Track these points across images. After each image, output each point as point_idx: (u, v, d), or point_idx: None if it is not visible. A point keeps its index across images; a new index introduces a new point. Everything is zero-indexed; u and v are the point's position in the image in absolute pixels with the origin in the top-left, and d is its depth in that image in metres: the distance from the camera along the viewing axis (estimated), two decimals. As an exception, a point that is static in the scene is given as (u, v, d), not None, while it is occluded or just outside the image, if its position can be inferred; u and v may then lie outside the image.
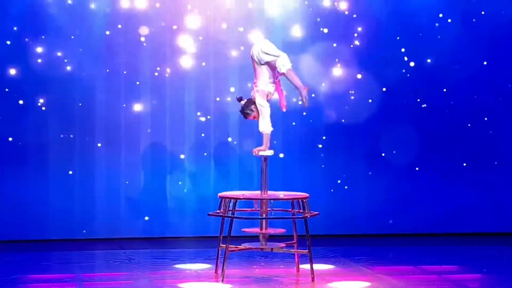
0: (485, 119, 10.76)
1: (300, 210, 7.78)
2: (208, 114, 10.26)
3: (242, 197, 7.70)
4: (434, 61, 10.65)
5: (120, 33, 10.02)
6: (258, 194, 7.82)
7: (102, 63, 10.00)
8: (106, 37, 9.99)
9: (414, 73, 10.62)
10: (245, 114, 7.93)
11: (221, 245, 7.85)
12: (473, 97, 10.74)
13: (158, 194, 10.19)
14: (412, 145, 10.63)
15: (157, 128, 10.16)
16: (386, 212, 10.60)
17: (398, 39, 10.57)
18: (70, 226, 9.97)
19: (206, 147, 10.28)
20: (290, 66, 7.76)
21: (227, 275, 7.65)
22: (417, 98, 10.66)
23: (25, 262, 8.57)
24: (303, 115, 10.39)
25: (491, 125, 10.78)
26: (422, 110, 10.67)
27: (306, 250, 7.68)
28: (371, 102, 10.53)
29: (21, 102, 9.83)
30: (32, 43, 9.83)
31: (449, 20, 10.62)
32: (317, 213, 7.82)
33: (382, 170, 10.59)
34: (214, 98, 10.26)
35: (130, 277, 7.92)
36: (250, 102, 7.85)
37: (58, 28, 9.88)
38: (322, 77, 10.42)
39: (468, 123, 10.74)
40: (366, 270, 8.23)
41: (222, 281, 7.54)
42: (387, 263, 8.68)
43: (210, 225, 9.80)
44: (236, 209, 7.70)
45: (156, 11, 10.11)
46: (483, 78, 10.73)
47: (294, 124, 10.38)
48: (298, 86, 7.78)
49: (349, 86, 10.50)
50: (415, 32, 10.60)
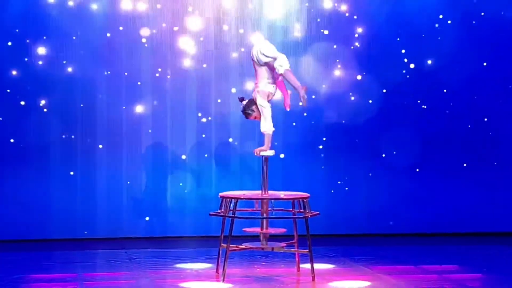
0: (485, 120, 10.77)
1: (300, 210, 7.78)
2: (209, 115, 10.27)
3: (243, 197, 7.70)
4: (434, 62, 10.65)
5: (121, 34, 10.04)
6: (259, 194, 7.82)
7: (103, 64, 10.01)
8: (107, 38, 10.00)
9: (414, 74, 10.63)
10: (246, 115, 7.94)
11: (222, 244, 7.84)
12: (473, 98, 10.75)
13: (159, 194, 10.20)
14: (412, 145, 10.63)
15: (158, 128, 10.17)
16: (386, 212, 10.60)
17: (398, 41, 10.58)
18: (72, 226, 9.99)
19: (207, 148, 10.29)
20: (288, 67, 7.76)
21: (228, 275, 7.67)
22: (417, 99, 10.67)
23: (27, 262, 8.58)
24: (304, 116, 10.40)
25: (491, 126, 10.79)
26: (422, 111, 10.68)
27: (307, 250, 7.69)
28: (372, 103, 10.54)
29: (22, 103, 9.84)
30: (33, 45, 9.84)
31: (449, 21, 10.63)
32: (317, 213, 7.82)
33: (383, 170, 10.59)
34: (215, 99, 10.28)
35: (131, 276, 7.92)
36: (252, 103, 7.87)
37: (59, 29, 9.89)
38: (323, 78, 10.43)
39: (468, 124, 10.75)
40: (366, 270, 8.23)
41: (223, 280, 7.55)
42: (387, 263, 8.68)
43: (211, 225, 9.80)
44: (237, 209, 7.69)
45: (157, 13, 10.12)
46: (483, 79, 10.74)
47: (294, 124, 10.39)
48: (296, 86, 7.79)
49: (349, 87, 10.51)
50: (415, 33, 10.60)
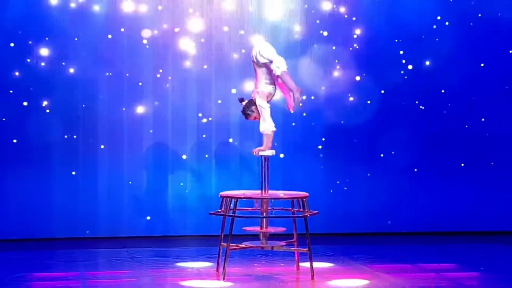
0: (482, 120, 10.80)
1: (300, 209, 7.79)
2: (209, 115, 10.31)
3: (243, 196, 7.70)
4: (432, 63, 10.68)
5: (122, 35, 10.06)
6: (258, 193, 7.83)
7: (104, 65, 10.04)
8: (109, 39, 10.03)
9: (413, 75, 10.65)
10: (246, 115, 7.98)
11: (222, 243, 7.85)
12: (470, 98, 10.78)
13: (160, 194, 10.22)
14: (410, 146, 10.67)
15: (159, 129, 10.19)
16: (385, 211, 10.62)
17: (396, 42, 10.61)
18: (74, 225, 10.00)
19: (207, 148, 10.32)
20: (285, 68, 7.78)
21: (228, 273, 7.69)
22: (415, 100, 10.70)
23: (30, 261, 8.58)
24: (303, 116, 10.43)
25: (488, 126, 10.81)
26: (420, 111, 10.71)
27: (306, 249, 7.70)
28: (370, 104, 10.58)
29: (25, 103, 9.87)
30: (35, 46, 9.87)
31: (446, 23, 10.66)
32: (316, 212, 7.84)
33: (381, 170, 10.62)
34: (215, 99, 10.32)
35: (132, 275, 7.94)
36: (251, 103, 7.90)
37: (61, 31, 9.92)
38: (322, 79, 10.46)
39: (465, 124, 10.77)
40: (365, 268, 8.25)
41: (223, 279, 7.57)
42: (386, 261, 8.69)
43: (211, 224, 9.77)
44: (237, 208, 7.70)
45: (158, 14, 10.16)
46: (481, 80, 10.77)
47: (294, 125, 10.43)
48: (292, 88, 7.79)
49: (348, 88, 10.54)
50: (414, 35, 10.62)
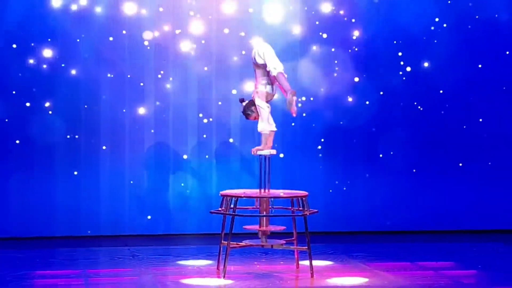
0: (480, 121, 10.82)
1: (299, 208, 7.83)
2: (210, 116, 10.34)
3: (243, 195, 7.74)
4: (430, 64, 10.70)
5: (124, 37, 10.10)
6: (258, 192, 7.88)
7: (106, 67, 10.07)
8: (110, 41, 10.07)
9: (411, 76, 10.67)
10: (246, 115, 8.05)
11: (222, 242, 7.87)
12: (468, 99, 10.78)
13: (161, 193, 10.24)
14: (409, 146, 10.68)
15: (160, 129, 10.22)
16: (384, 210, 10.64)
17: (395, 44, 10.64)
18: (76, 224, 10.03)
19: (208, 148, 10.35)
20: (282, 69, 7.83)
21: (229, 271, 7.75)
22: (413, 101, 10.71)
23: (32, 259, 8.61)
24: (303, 117, 10.44)
25: (486, 126, 10.82)
26: (419, 112, 10.72)
27: (306, 247, 7.72)
28: (369, 105, 10.60)
29: (28, 104, 9.92)
30: (38, 47, 9.92)
31: (444, 24, 10.68)
32: (316, 210, 7.88)
33: (380, 171, 10.63)
34: (215, 100, 10.35)
35: (134, 273, 7.98)
36: (251, 104, 7.97)
37: (63, 32, 9.95)
38: (321, 80, 10.50)
39: (463, 125, 10.78)
40: (364, 266, 8.28)
41: (224, 277, 7.61)
42: (385, 260, 8.71)
43: (212, 222, 9.80)
44: (237, 207, 7.74)
45: (159, 16, 10.20)
46: (478, 81, 10.78)
47: (293, 125, 10.46)
48: (286, 89, 7.81)
49: (347, 89, 10.56)
50: (412, 36, 10.63)
